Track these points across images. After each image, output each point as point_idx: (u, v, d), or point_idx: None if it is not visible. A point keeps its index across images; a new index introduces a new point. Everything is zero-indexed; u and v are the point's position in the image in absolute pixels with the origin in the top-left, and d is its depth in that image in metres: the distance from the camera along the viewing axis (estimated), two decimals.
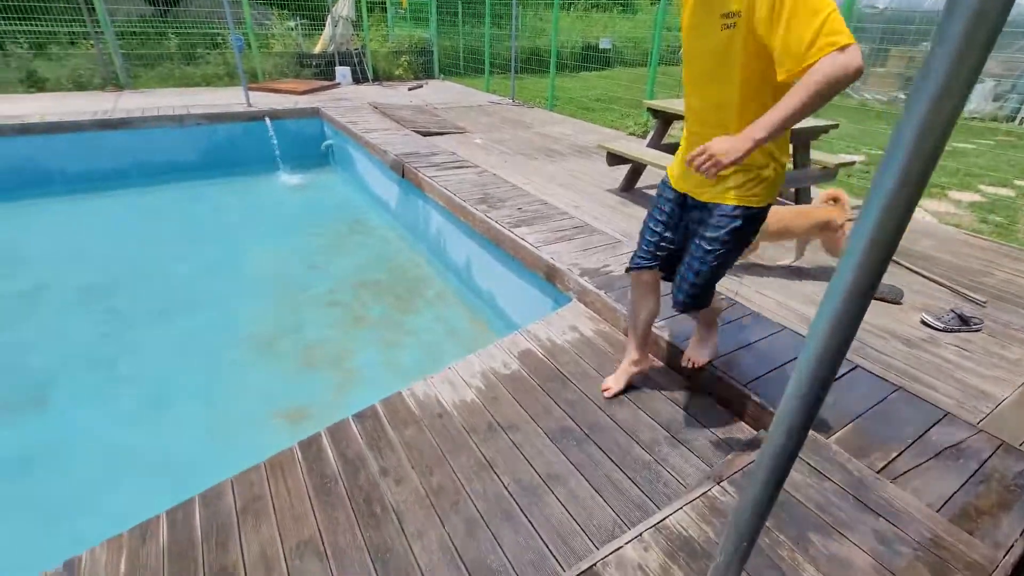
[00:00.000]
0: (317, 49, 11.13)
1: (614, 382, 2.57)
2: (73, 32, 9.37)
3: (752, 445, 2.28)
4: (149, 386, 3.49)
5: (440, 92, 10.55)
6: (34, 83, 8.75)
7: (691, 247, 1.88)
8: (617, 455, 2.26)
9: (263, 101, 8.14)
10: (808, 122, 4.20)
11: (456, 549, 1.91)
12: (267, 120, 7.53)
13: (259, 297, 4.52)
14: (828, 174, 4.52)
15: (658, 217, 2.01)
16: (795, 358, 1.93)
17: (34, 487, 2.76)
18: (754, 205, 1.74)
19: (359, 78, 11.01)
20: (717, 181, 1.72)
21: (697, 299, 1.93)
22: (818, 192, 4.64)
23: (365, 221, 6.17)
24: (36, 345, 3.82)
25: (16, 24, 8.97)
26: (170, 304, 4.36)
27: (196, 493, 2.21)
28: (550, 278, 3.53)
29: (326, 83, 10.17)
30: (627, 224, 4.28)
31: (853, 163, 5.02)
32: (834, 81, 1.31)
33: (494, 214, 4.21)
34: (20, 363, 3.61)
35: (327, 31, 10.96)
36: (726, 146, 1.50)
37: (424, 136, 6.64)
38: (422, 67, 12.45)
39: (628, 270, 2.20)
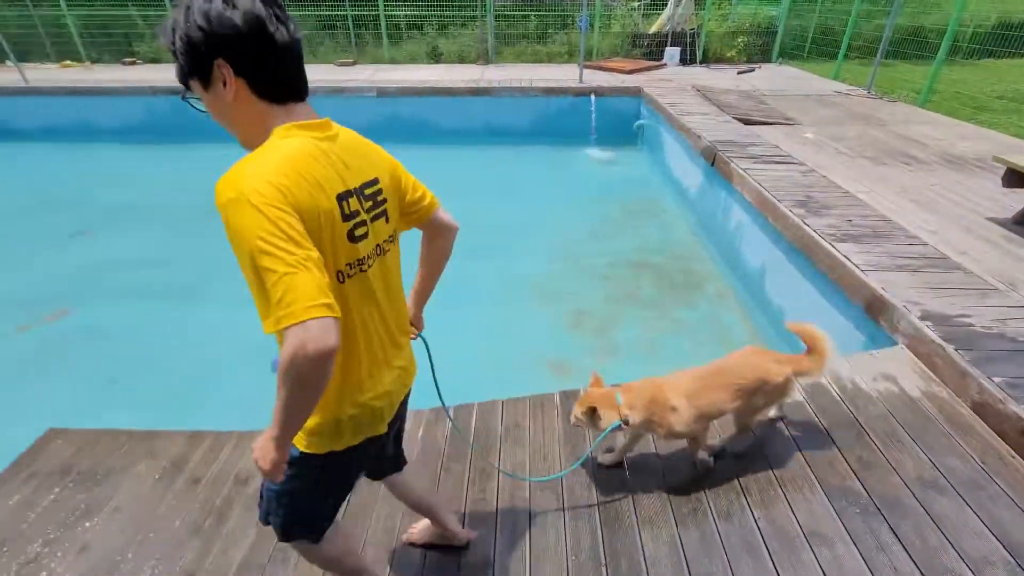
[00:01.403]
0: (653, 29, 11.28)
1: None
2: (466, 16, 11.72)
3: None
4: (451, 307, 4.31)
5: (773, 78, 9.49)
6: (434, 56, 11.36)
7: None
8: (919, 552, 1.77)
9: (592, 78, 8.76)
10: None
11: (685, 554, 1.83)
12: (592, 96, 8.10)
13: (546, 254, 5.04)
14: None
15: None
16: None
17: None
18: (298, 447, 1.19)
19: (687, 59, 10.75)
20: None
21: (265, 516, 1.35)
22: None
23: (659, 203, 6.15)
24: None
25: (431, 11, 11.72)
26: (486, 245, 5.23)
27: (475, 401, 2.68)
28: (872, 312, 2.89)
29: (653, 63, 10.28)
30: (1015, 268, 3.15)
31: None
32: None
33: (813, 221, 3.64)
34: None
35: (668, 10, 10.96)
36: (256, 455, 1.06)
37: (745, 124, 6.12)
38: (759, 49, 11.37)
39: None
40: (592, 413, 1.85)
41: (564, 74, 9.32)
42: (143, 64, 11.40)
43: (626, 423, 1.86)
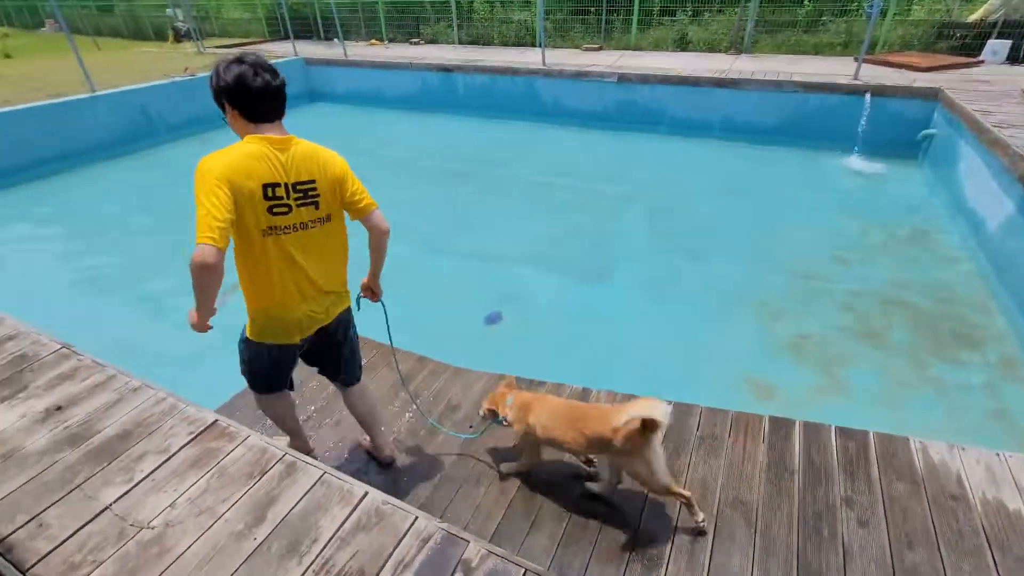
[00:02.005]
0: (975, 16, 8.97)
1: None
2: (724, 1, 10.91)
3: None
4: (661, 297, 4.22)
5: None
6: (681, 43, 10.91)
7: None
8: None
9: (871, 74, 7.41)
10: None
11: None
12: (866, 96, 6.87)
13: (772, 266, 4.54)
14: None
15: None
16: None
17: (580, 328, 3.93)
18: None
19: (1020, 56, 8.32)
20: None
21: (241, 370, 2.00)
22: None
23: (934, 235, 5.01)
24: (616, 236, 5.21)
25: None
26: (704, 245, 4.99)
27: (665, 397, 2.63)
28: None
29: (962, 59, 8.22)
30: None
31: None
32: None
33: None
34: (601, 244, 5.05)
35: None
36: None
37: None
38: None
39: None
40: (490, 411, 2.20)
41: (833, 68, 8.08)
42: (424, 44, 13.41)
43: (506, 421, 2.15)
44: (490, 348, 3.69)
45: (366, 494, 1.57)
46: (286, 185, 1.61)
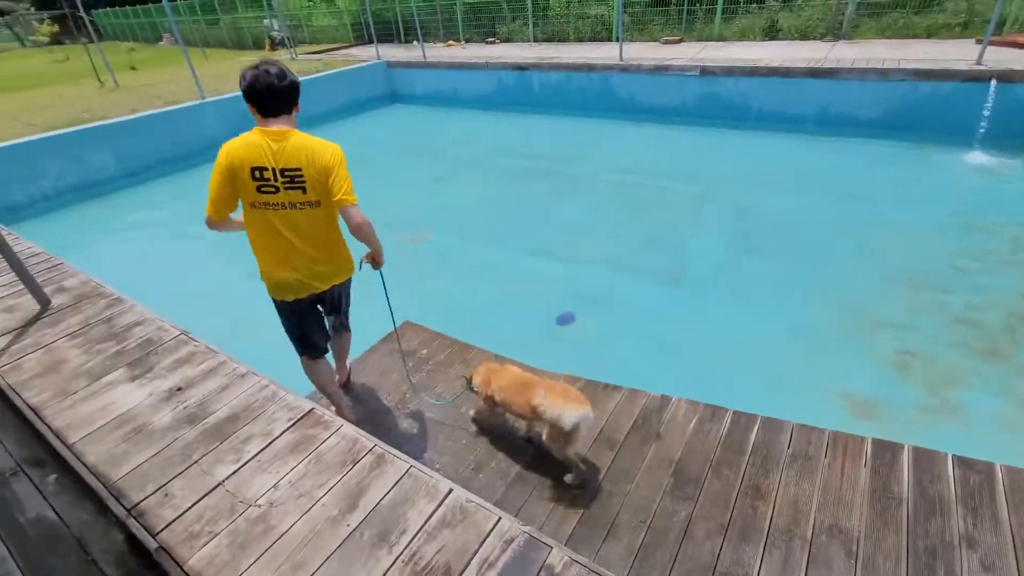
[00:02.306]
0: None
1: None
2: None
3: None
4: (745, 302, 3.99)
5: None
6: (770, 32, 10.25)
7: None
8: None
9: (999, 57, 6.58)
10: None
11: None
12: (992, 82, 6.11)
13: (875, 273, 4.16)
14: None
15: None
16: None
17: (658, 334, 3.81)
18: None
19: None
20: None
21: None
22: None
23: None
24: (695, 237, 5.00)
25: None
26: (793, 248, 4.67)
27: (732, 408, 2.51)
28: None
29: None
30: None
31: None
32: None
33: None
34: (679, 246, 4.86)
35: None
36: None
37: None
38: None
39: None
40: (466, 379, 2.53)
41: (949, 52, 7.26)
42: (499, 43, 13.54)
43: (475, 389, 2.46)
44: (562, 349, 3.67)
45: (451, 491, 1.61)
46: (273, 170, 1.93)
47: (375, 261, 2.31)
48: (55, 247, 3.69)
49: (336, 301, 2.43)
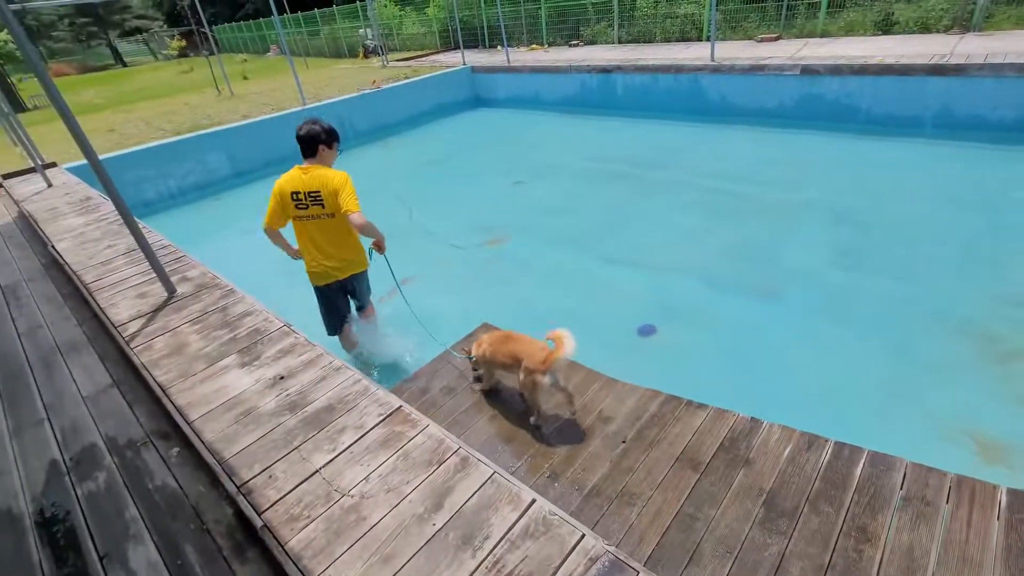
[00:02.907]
0: None
1: None
2: None
3: None
4: (847, 321, 3.65)
5: None
6: (885, 25, 9.37)
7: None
8: None
9: None
10: None
11: None
12: None
13: (1012, 295, 3.66)
14: None
15: None
16: None
17: (747, 350, 3.59)
18: None
19: None
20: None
21: None
22: None
23: None
24: (791, 248, 4.66)
25: None
26: (906, 263, 4.22)
27: (834, 438, 2.30)
28: None
29: None
30: None
31: None
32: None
33: None
34: (773, 257, 4.56)
35: None
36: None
37: None
38: None
39: None
40: (466, 351, 3.00)
41: None
42: (583, 46, 13.44)
43: (473, 358, 2.90)
44: (644, 361, 3.56)
45: (533, 501, 1.61)
46: (304, 193, 2.80)
47: (379, 247, 3.04)
48: (176, 239, 4.13)
49: (354, 287, 3.22)
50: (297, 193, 2.78)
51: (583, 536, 1.48)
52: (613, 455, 2.43)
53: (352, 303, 3.35)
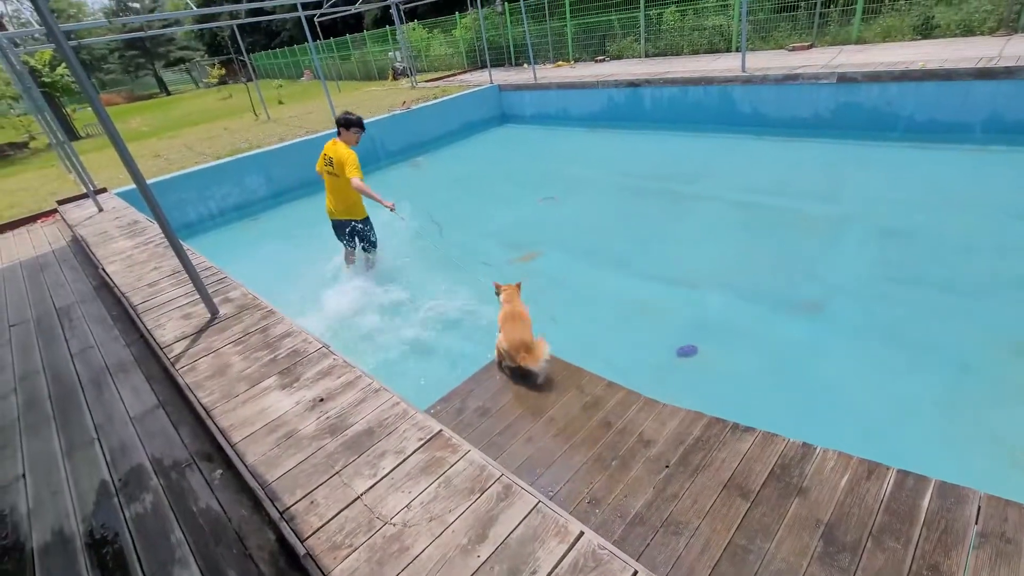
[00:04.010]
0: None
1: None
2: None
3: None
4: (899, 339, 3.47)
5: None
6: (924, 29, 9.09)
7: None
8: None
9: None
10: None
11: None
12: None
13: None
14: None
15: None
16: None
17: (792, 371, 3.44)
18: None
19: None
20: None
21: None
22: None
23: None
24: (832, 263, 4.49)
25: None
26: (961, 277, 4.01)
27: (895, 465, 2.15)
28: None
29: None
30: None
31: None
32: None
33: None
34: (814, 273, 4.39)
35: None
36: None
37: None
38: None
39: None
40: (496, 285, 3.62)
41: None
42: (609, 61, 13.47)
43: (500, 298, 3.50)
44: (683, 382, 3.45)
45: (582, 533, 1.55)
46: (328, 158, 4.40)
47: (382, 204, 4.22)
48: (216, 259, 4.25)
49: (355, 231, 4.74)
50: (327, 156, 4.43)
51: (635, 573, 1.41)
52: (656, 480, 2.33)
53: (359, 244, 4.90)
